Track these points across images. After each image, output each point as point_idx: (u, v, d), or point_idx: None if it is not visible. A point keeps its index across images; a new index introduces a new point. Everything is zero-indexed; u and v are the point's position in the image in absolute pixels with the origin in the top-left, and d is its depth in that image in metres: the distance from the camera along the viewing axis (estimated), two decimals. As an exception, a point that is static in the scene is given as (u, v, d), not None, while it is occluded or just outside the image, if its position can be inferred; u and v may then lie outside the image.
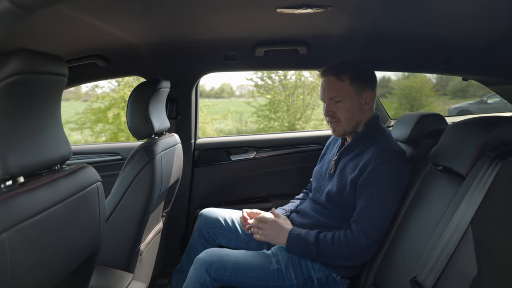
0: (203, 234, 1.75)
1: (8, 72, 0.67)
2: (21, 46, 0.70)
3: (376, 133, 1.49)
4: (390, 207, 1.38)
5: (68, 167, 0.92)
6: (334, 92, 1.46)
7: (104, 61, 1.81)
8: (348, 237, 1.37)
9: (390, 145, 1.44)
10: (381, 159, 1.37)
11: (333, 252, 1.38)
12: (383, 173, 1.36)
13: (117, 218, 1.44)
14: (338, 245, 1.38)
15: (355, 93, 1.46)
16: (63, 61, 0.83)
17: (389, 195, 1.36)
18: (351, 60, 1.51)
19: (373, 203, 1.36)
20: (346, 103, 1.46)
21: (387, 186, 1.36)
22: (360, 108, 1.48)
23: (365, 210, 1.37)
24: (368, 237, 1.36)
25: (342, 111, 1.47)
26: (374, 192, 1.36)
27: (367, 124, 1.50)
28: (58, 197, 0.80)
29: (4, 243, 0.64)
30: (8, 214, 0.66)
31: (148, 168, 1.47)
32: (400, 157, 1.41)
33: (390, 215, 1.38)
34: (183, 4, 1.16)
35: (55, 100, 0.85)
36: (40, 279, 0.77)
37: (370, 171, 1.37)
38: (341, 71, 1.45)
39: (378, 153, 1.39)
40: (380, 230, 1.37)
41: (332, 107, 1.48)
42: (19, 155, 0.72)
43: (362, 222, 1.37)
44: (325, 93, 1.49)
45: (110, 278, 1.35)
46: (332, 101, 1.48)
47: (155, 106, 1.59)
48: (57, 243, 0.81)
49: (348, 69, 1.46)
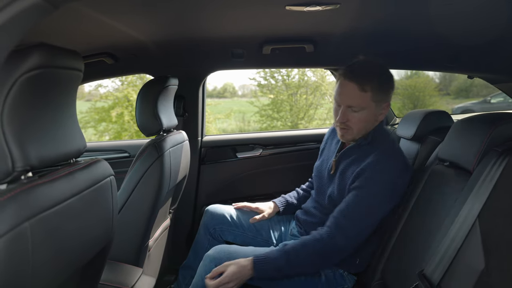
0: (209, 231, 1.76)
1: (29, 66, 0.69)
2: (41, 41, 0.72)
3: (380, 140, 1.43)
4: (375, 217, 1.34)
5: (83, 161, 0.94)
6: (354, 101, 1.36)
7: (112, 59, 1.84)
8: (322, 234, 1.34)
9: (391, 154, 1.39)
10: (378, 168, 1.34)
11: (307, 259, 1.33)
12: (377, 182, 1.32)
13: (126, 213, 1.46)
14: (312, 251, 1.33)
15: (374, 105, 1.38)
16: (80, 57, 0.85)
17: (377, 204, 1.33)
18: (376, 67, 1.40)
19: (358, 207, 1.33)
20: (363, 113, 1.38)
21: (378, 195, 1.32)
22: (374, 119, 1.42)
23: (346, 210, 1.34)
24: (345, 235, 1.32)
25: (356, 121, 1.39)
26: (364, 197, 1.33)
27: (373, 132, 1.44)
28: (74, 189, 0.82)
29: (26, 232, 0.66)
30: (29, 204, 0.68)
31: (157, 164, 1.49)
32: (398, 167, 1.36)
33: (372, 225, 1.35)
34: (192, 2, 1.18)
35: (72, 94, 0.87)
36: (57, 269, 0.79)
37: (365, 177, 1.34)
38: (366, 81, 1.34)
39: (377, 161, 1.35)
40: (359, 235, 1.34)
41: (347, 115, 1.39)
42: (38, 147, 0.74)
43: (341, 220, 1.34)
44: (343, 98, 1.39)
45: (120, 272, 1.37)
46: (349, 109, 1.38)
47: (164, 103, 1.61)
48: (74, 234, 0.83)
49: (374, 79, 1.36)
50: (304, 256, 1.33)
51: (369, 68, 1.39)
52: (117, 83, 8.04)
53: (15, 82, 0.68)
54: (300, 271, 1.37)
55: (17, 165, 0.69)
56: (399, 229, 1.44)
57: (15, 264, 0.65)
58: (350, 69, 1.39)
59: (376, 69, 1.40)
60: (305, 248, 1.33)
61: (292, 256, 1.32)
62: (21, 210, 0.66)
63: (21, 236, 0.65)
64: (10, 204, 0.64)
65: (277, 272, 1.33)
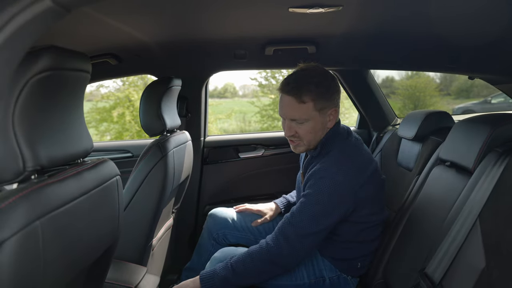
0: (213, 236, 1.77)
1: (39, 68, 0.71)
2: (51, 44, 0.74)
3: (332, 147, 1.39)
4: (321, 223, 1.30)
5: (90, 161, 0.96)
6: (296, 114, 1.33)
7: (116, 59, 1.85)
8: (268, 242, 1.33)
9: (339, 161, 1.33)
10: (319, 175, 1.31)
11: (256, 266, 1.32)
12: (319, 190, 1.29)
13: (131, 212, 1.47)
14: (257, 257, 1.32)
15: (318, 114, 1.34)
16: (88, 58, 0.86)
17: (320, 211, 1.29)
18: (313, 76, 1.34)
19: (302, 214, 1.30)
20: (309, 124, 1.34)
21: (320, 202, 1.29)
22: (323, 127, 1.38)
23: (293, 218, 1.32)
24: (289, 242, 1.30)
25: (304, 132, 1.36)
26: (307, 205, 1.30)
27: (323, 140, 1.39)
28: (83, 189, 0.83)
29: (37, 230, 0.68)
30: (40, 203, 0.70)
31: (161, 164, 1.50)
32: (346, 176, 1.30)
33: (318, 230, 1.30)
34: (196, 4, 1.19)
35: (79, 95, 0.88)
36: (66, 267, 0.81)
37: (309, 186, 1.33)
38: (303, 92, 1.31)
39: (318, 169, 1.33)
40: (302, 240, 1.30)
41: (294, 128, 1.37)
42: (48, 148, 0.75)
43: (285, 226, 1.32)
44: (284, 112, 1.37)
45: (125, 271, 1.39)
46: (293, 122, 1.36)
47: (167, 104, 1.62)
48: (82, 233, 0.84)
49: (312, 88, 1.31)
50: (250, 265, 1.32)
51: (306, 78, 1.34)
52: (118, 83, 8.07)
53: (26, 83, 0.70)
54: (249, 281, 1.36)
55: (28, 165, 0.70)
56: (400, 229, 1.46)
57: (28, 262, 0.66)
58: (287, 82, 1.35)
59: (313, 78, 1.34)
60: (251, 257, 1.33)
61: (239, 267, 1.32)
62: (33, 209, 0.68)
63: (32, 235, 0.67)
64: (22, 203, 0.66)
65: (225, 285, 1.32)
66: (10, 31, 0.48)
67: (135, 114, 7.83)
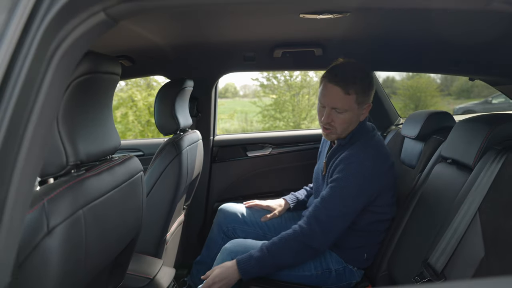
0: (222, 229, 1.82)
1: (80, 72, 0.79)
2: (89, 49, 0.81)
3: (360, 138, 1.49)
4: (351, 205, 1.40)
5: (117, 157, 1.03)
6: (339, 104, 1.43)
7: (130, 61, 1.92)
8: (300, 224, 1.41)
9: (365, 148, 1.45)
10: (352, 160, 1.41)
11: (289, 247, 1.40)
12: (347, 176, 1.39)
13: (147, 207, 1.55)
14: (291, 238, 1.40)
15: (357, 107, 1.45)
16: (118, 62, 0.94)
17: (350, 194, 1.39)
18: (359, 70, 1.46)
19: (333, 197, 1.40)
20: (347, 115, 1.44)
21: (348, 187, 1.39)
22: (357, 119, 1.48)
23: (323, 201, 1.41)
24: (321, 224, 1.39)
25: (340, 121, 1.45)
26: (336, 190, 1.40)
27: (353, 132, 1.49)
28: (115, 182, 0.91)
29: (81, 218, 0.75)
30: (82, 194, 0.78)
31: (175, 162, 1.58)
32: (372, 158, 1.42)
33: (349, 213, 1.41)
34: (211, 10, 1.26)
35: (110, 96, 0.96)
36: (102, 255, 0.88)
37: (337, 171, 1.42)
38: (350, 85, 1.41)
39: (351, 155, 1.43)
40: (334, 222, 1.40)
41: (331, 116, 1.46)
42: (86, 144, 0.83)
43: (317, 209, 1.41)
44: (327, 101, 1.46)
45: (143, 263, 1.46)
46: (333, 110, 1.45)
47: (181, 104, 1.69)
48: (114, 223, 0.92)
49: (357, 82, 1.42)
50: (284, 245, 1.40)
51: (353, 72, 1.45)
52: (121, 84, 8.12)
53: (69, 86, 0.77)
54: (284, 262, 1.43)
55: (70, 160, 0.78)
56: (404, 222, 1.53)
57: (73, 248, 0.74)
58: (334, 73, 1.45)
59: (359, 72, 1.45)
60: (284, 239, 1.41)
61: (273, 249, 1.40)
62: (76, 199, 0.75)
63: (77, 222, 0.74)
64: (68, 193, 0.74)
65: (262, 268, 1.40)
66: (71, 40, 0.55)
67: (138, 114, 7.88)
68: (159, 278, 1.43)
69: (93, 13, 0.56)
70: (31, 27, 0.50)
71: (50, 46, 0.53)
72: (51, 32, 0.52)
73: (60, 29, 0.54)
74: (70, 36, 0.55)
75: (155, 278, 1.41)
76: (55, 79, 0.54)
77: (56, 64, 0.54)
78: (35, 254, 0.67)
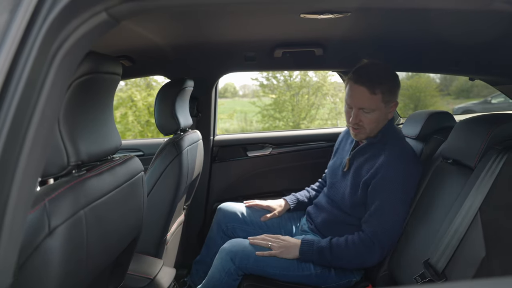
0: (222, 228, 1.82)
1: (81, 72, 0.78)
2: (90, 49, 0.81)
3: (390, 137, 1.52)
4: (400, 212, 1.44)
5: (118, 157, 1.03)
6: (366, 104, 1.45)
7: (130, 61, 1.92)
8: (362, 238, 1.44)
9: (402, 150, 1.49)
10: (392, 166, 1.43)
11: (348, 254, 1.44)
12: (394, 180, 1.42)
13: (147, 208, 1.55)
14: (352, 246, 1.43)
15: (384, 105, 1.47)
16: (119, 62, 0.94)
17: (399, 200, 1.43)
18: (383, 70, 1.49)
19: (383, 208, 1.42)
20: (374, 114, 1.47)
21: (398, 191, 1.42)
22: (385, 118, 1.51)
23: (376, 213, 1.43)
24: (379, 239, 1.42)
25: (368, 121, 1.48)
26: (385, 198, 1.42)
27: (382, 130, 1.52)
28: (116, 183, 0.91)
29: (82, 219, 0.75)
30: (83, 194, 0.77)
31: (176, 162, 1.58)
32: (411, 161, 1.47)
33: (400, 220, 1.45)
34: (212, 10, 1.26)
35: (111, 96, 0.96)
36: (103, 256, 0.88)
37: (382, 176, 1.43)
38: (376, 84, 1.43)
39: (390, 159, 1.44)
40: (390, 233, 1.43)
41: (359, 117, 1.48)
42: (87, 144, 0.83)
43: (372, 224, 1.43)
44: (354, 102, 1.48)
45: (144, 263, 1.46)
46: (361, 111, 1.47)
47: (181, 104, 1.69)
48: (115, 223, 0.92)
49: (383, 81, 1.45)
50: (346, 250, 1.44)
51: (377, 72, 1.47)
52: (121, 84, 8.12)
53: (70, 86, 0.77)
54: (338, 261, 1.46)
55: (71, 160, 0.78)
56: (405, 223, 1.53)
57: (74, 249, 0.74)
58: (359, 74, 1.47)
59: (383, 72, 1.48)
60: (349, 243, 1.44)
61: (336, 246, 1.45)
62: (78, 200, 0.75)
63: (78, 223, 0.74)
64: (69, 194, 0.73)
65: (320, 255, 1.45)
66: (74, 39, 0.55)
67: (138, 114, 7.88)
68: (160, 278, 1.43)
69: (95, 13, 0.56)
70: (33, 27, 0.49)
71: (52, 46, 0.53)
72: (53, 32, 0.52)
73: (62, 29, 0.53)
74: (72, 36, 0.55)
75: (155, 278, 1.41)
76: (57, 79, 0.54)
77: (58, 64, 0.53)
78: (36, 255, 0.67)
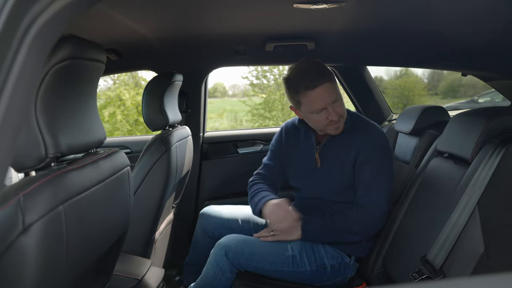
0: (208, 234, 1.74)
1: (61, 57, 0.73)
2: (71, 33, 0.76)
3: (359, 120, 1.58)
4: (390, 178, 1.50)
5: (102, 151, 0.97)
6: (333, 94, 1.47)
7: (117, 55, 1.86)
8: (360, 210, 1.47)
9: (375, 126, 1.56)
10: (375, 136, 1.52)
11: (351, 222, 1.47)
12: (380, 149, 1.49)
13: (135, 205, 1.49)
14: (352, 214, 1.47)
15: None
16: (103, 49, 0.88)
17: (388, 167, 1.50)
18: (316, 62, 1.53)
19: (375, 176, 1.47)
20: (341, 100, 1.52)
21: (385, 159, 1.50)
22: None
23: (370, 184, 1.47)
24: (378, 206, 1.45)
25: (341, 108, 1.50)
26: (375, 167, 1.47)
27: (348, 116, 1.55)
28: (99, 177, 0.85)
29: (61, 215, 0.70)
30: (63, 188, 0.72)
31: (164, 158, 1.52)
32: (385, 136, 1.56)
33: (390, 185, 1.50)
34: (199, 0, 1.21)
35: (94, 85, 0.90)
36: (85, 254, 0.82)
37: (368, 149, 1.49)
38: (327, 74, 1.48)
39: (370, 133, 1.52)
40: (386, 199, 1.47)
41: (335, 109, 1.48)
42: (67, 135, 0.77)
43: (369, 195, 1.47)
44: (326, 100, 1.47)
45: (131, 263, 1.40)
46: (333, 104, 1.47)
47: (170, 99, 1.64)
48: (98, 220, 0.86)
49: (326, 70, 1.50)
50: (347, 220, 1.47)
51: (318, 66, 1.51)
52: (109, 82, 8.00)
53: (48, 72, 0.71)
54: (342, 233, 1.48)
55: (50, 151, 0.72)
56: (399, 220, 1.50)
57: (53, 246, 0.68)
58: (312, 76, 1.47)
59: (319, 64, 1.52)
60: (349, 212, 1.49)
61: (337, 217, 1.48)
62: (56, 194, 0.69)
63: (57, 219, 0.68)
64: (47, 188, 0.68)
65: (322, 237, 1.49)
66: (47, 17, 0.49)
67: (126, 113, 7.78)
68: (148, 278, 1.37)
69: None
70: None
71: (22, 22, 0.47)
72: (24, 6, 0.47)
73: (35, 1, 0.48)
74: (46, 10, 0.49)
75: (143, 279, 1.35)
76: (28, 61, 0.48)
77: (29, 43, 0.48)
78: (10, 252, 0.61)
